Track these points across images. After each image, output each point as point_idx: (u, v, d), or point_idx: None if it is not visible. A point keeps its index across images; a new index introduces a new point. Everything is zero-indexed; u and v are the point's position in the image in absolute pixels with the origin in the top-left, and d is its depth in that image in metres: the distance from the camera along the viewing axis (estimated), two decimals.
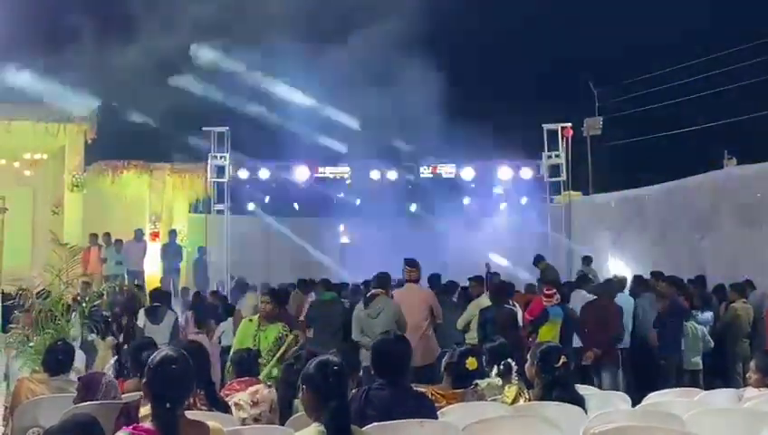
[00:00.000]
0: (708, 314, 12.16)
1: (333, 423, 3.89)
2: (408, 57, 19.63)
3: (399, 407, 4.82)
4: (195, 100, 20.70)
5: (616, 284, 13.01)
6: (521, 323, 10.87)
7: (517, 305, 11.25)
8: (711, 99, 22.37)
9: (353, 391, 4.89)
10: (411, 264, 10.66)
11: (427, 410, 5.05)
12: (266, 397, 6.13)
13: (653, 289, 12.33)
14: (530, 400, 5.89)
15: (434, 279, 13.01)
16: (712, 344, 11.46)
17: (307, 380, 4.04)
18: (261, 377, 6.97)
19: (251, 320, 8.61)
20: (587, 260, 17.42)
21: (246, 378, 6.42)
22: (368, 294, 10.35)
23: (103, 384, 5.55)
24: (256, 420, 5.85)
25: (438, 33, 20.20)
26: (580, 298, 11.89)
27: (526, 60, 24.64)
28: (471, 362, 6.01)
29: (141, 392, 4.73)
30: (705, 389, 7.91)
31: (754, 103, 21.23)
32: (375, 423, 4.52)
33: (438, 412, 5.28)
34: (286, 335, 8.27)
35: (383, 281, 10.31)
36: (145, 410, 4.52)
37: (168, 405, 3.83)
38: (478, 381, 6.00)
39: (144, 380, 4.00)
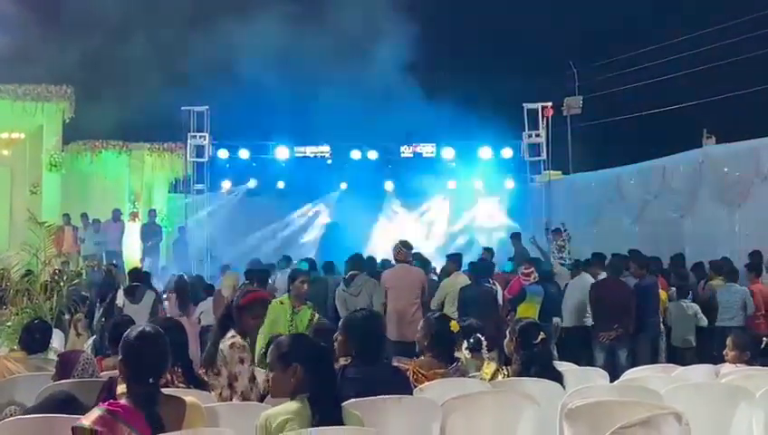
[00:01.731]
0: None
1: (323, 398, 3.88)
2: (388, 35, 19.55)
3: (376, 383, 4.81)
4: (174, 79, 20.53)
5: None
6: (500, 302, 10.90)
7: (497, 284, 11.26)
8: (690, 78, 22.39)
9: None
10: (405, 245, 10.77)
11: (402, 385, 5.05)
12: None
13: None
14: (508, 376, 5.92)
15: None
16: (705, 322, 11.36)
17: (301, 357, 4.00)
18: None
19: (281, 302, 8.28)
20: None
21: None
22: (347, 274, 10.51)
23: (80, 362, 5.52)
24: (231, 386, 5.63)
25: (418, 10, 20.10)
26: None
27: (506, 39, 24.53)
28: (454, 325, 6.01)
29: None
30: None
31: (734, 82, 21.27)
32: (353, 400, 4.49)
33: (417, 388, 5.29)
34: (314, 315, 8.22)
35: (357, 262, 10.77)
36: (122, 387, 4.49)
37: (143, 381, 3.81)
38: (459, 356, 6.01)
39: (119, 356, 3.98)
